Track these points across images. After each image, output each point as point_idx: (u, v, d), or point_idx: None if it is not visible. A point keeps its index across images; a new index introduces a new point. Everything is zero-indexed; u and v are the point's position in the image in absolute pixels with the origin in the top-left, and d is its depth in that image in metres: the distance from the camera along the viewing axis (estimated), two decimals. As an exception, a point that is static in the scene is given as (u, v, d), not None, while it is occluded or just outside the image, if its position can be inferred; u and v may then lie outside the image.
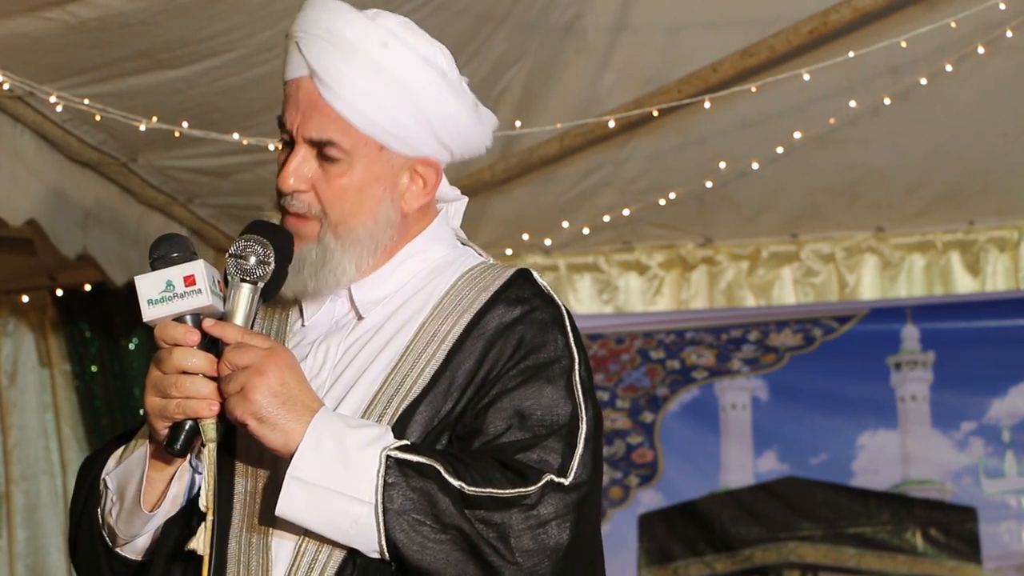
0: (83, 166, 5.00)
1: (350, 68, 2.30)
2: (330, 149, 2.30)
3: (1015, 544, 5.86)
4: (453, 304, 2.33)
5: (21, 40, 4.10)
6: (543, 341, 2.28)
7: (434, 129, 2.36)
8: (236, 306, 2.20)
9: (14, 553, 6.14)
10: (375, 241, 2.34)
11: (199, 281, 2.16)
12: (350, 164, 2.31)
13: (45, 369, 6.25)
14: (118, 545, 2.34)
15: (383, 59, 2.32)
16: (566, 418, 2.23)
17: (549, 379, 2.25)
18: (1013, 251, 6.21)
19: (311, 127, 2.31)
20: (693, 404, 6.09)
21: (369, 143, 2.32)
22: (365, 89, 2.30)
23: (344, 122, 2.30)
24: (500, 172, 5.61)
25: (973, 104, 5.43)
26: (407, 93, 2.33)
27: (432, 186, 2.40)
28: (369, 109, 2.31)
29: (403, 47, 2.34)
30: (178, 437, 2.16)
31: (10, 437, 6.20)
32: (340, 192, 2.31)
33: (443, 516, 2.12)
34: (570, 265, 6.35)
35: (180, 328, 2.17)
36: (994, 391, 5.94)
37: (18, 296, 6.21)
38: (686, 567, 5.97)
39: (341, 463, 2.13)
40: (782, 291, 6.34)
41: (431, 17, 4.51)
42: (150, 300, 2.16)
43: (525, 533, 2.14)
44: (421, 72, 2.35)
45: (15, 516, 6.17)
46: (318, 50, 2.31)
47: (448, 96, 2.38)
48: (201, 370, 2.15)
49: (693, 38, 5.14)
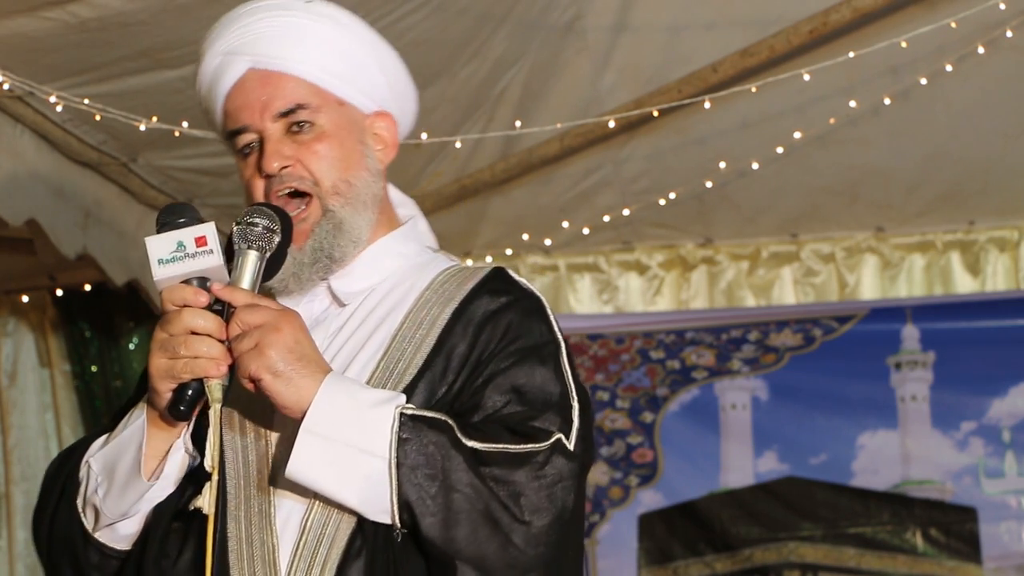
0: (83, 166, 5.00)
1: (288, 31, 2.33)
2: (300, 113, 2.31)
3: (1015, 544, 5.86)
4: (436, 296, 2.34)
5: (21, 40, 4.10)
6: (529, 327, 2.31)
7: (385, 73, 2.39)
8: (243, 272, 2.19)
9: (14, 553, 6.15)
10: (374, 193, 2.37)
11: (211, 242, 2.16)
12: (320, 126, 2.32)
13: (45, 369, 6.26)
14: (98, 529, 2.30)
15: (319, 11, 2.35)
16: (557, 396, 2.26)
17: (540, 360, 2.28)
18: (1013, 251, 6.21)
19: (275, 103, 2.31)
20: (693, 404, 6.09)
21: (330, 98, 2.34)
22: (311, 42, 2.33)
23: (302, 82, 2.32)
24: (500, 172, 5.61)
25: (973, 104, 5.43)
26: (355, 36, 2.36)
27: (392, 144, 2.41)
28: (320, 59, 2.33)
29: (323, 1, 2.38)
30: (183, 398, 2.15)
31: (10, 437, 6.20)
32: (323, 156, 2.32)
33: (456, 471, 2.12)
34: (570, 265, 6.35)
35: (189, 289, 2.16)
36: (994, 391, 5.94)
37: (18, 296, 6.21)
38: (686, 567, 5.97)
39: (355, 418, 2.13)
40: (782, 291, 6.34)
41: (431, 17, 4.51)
42: (160, 260, 2.15)
43: (536, 491, 2.15)
44: (350, 17, 2.38)
45: (15, 516, 6.17)
46: (250, 40, 2.34)
47: (386, 42, 2.40)
48: (210, 331, 2.15)
49: (693, 38, 5.14)
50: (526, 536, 2.14)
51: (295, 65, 2.32)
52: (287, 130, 2.32)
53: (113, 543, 2.31)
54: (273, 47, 2.33)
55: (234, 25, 2.37)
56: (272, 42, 2.33)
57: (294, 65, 2.32)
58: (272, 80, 2.32)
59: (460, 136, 5.26)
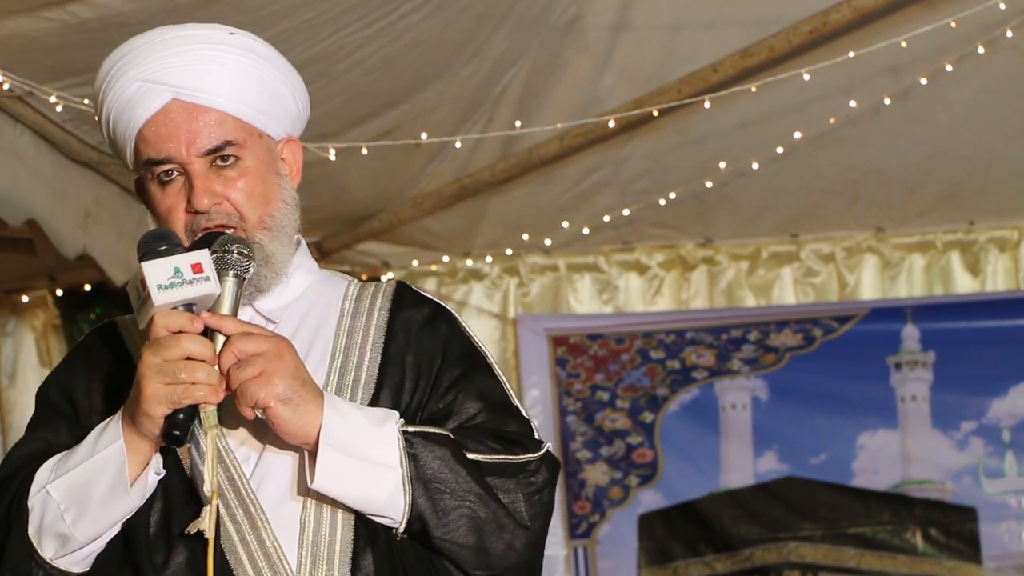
0: (83, 166, 4.99)
1: (212, 65, 2.34)
2: (227, 149, 2.33)
3: (1015, 544, 5.87)
4: (355, 307, 2.42)
5: (21, 40, 4.09)
6: (460, 337, 2.43)
7: (296, 101, 2.42)
8: (224, 298, 2.22)
9: (14, 553, 6.14)
10: (292, 224, 2.39)
11: (207, 269, 2.19)
12: (243, 161, 2.34)
13: (45, 369, 6.25)
14: (60, 556, 2.28)
15: (240, 44, 2.37)
16: (508, 403, 2.40)
17: (482, 369, 2.41)
18: (1013, 251, 6.21)
19: (202, 139, 2.32)
20: (693, 404, 6.09)
21: (252, 131, 2.36)
22: (232, 76, 2.35)
23: (228, 118, 2.34)
24: (500, 172, 5.61)
25: (973, 104, 5.43)
26: (270, 66, 2.38)
27: (298, 168, 2.44)
28: (243, 94, 2.35)
29: (243, 32, 2.40)
30: (180, 424, 2.17)
31: (10, 437, 6.20)
32: (247, 192, 2.34)
33: (461, 482, 2.23)
34: (570, 265, 6.35)
35: (185, 315, 2.18)
36: (994, 391, 5.95)
37: (18, 296, 6.21)
38: (686, 567, 5.98)
39: (366, 436, 2.22)
40: (782, 291, 6.33)
41: (431, 17, 4.51)
42: (160, 285, 2.17)
43: (530, 497, 2.29)
44: (268, 48, 2.41)
45: (15, 516, 6.17)
46: (173, 70, 2.34)
47: (293, 69, 2.44)
48: (206, 358, 2.17)
49: (693, 38, 5.14)
50: (528, 540, 2.28)
51: (220, 100, 2.33)
52: (211, 164, 2.33)
53: (71, 567, 2.31)
54: (197, 80, 2.34)
55: (155, 53, 2.37)
56: (196, 75, 2.34)
57: (219, 100, 2.33)
58: (197, 114, 2.33)
59: (460, 136, 5.26)
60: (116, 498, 2.25)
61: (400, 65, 4.70)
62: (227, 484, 2.28)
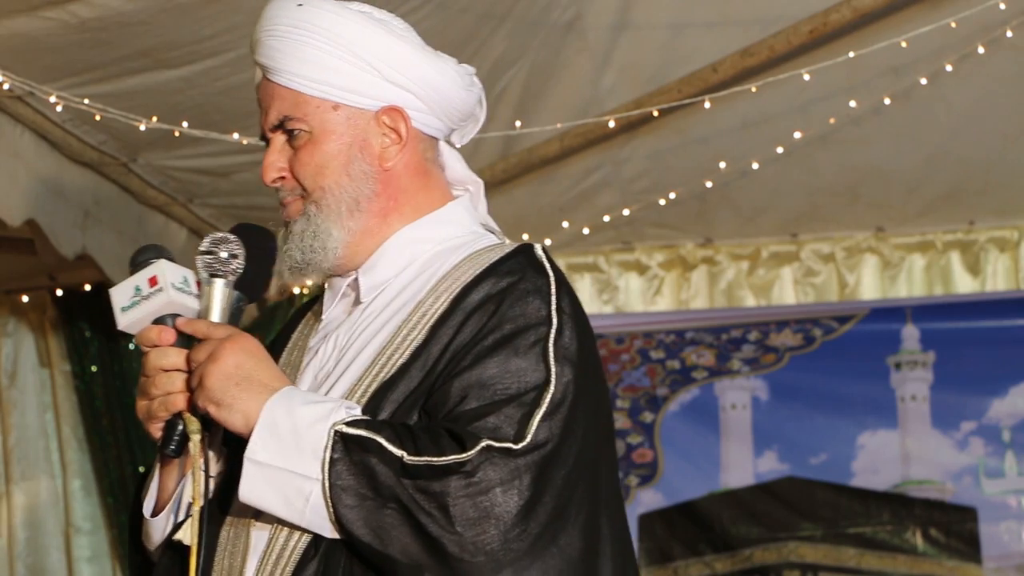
0: (83, 166, 4.99)
1: (279, 40, 2.35)
2: (290, 124, 2.35)
3: (1015, 544, 5.86)
4: (449, 283, 2.31)
5: (21, 40, 4.09)
6: (521, 311, 2.24)
7: (378, 69, 2.36)
8: (210, 302, 2.22)
9: (14, 553, 6.14)
10: (354, 197, 2.35)
11: (160, 280, 2.20)
12: (310, 131, 2.35)
13: (45, 369, 6.25)
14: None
15: (302, 16, 2.36)
16: (532, 385, 2.18)
17: (517, 349, 2.20)
18: (1013, 251, 6.21)
19: (270, 115, 2.36)
20: (693, 404, 6.09)
21: (322, 104, 2.35)
22: (296, 51, 2.35)
23: (292, 93, 2.35)
24: (500, 172, 5.61)
25: (973, 104, 5.43)
26: (336, 38, 2.35)
27: (406, 137, 2.38)
28: (305, 68, 2.34)
29: (313, 3, 2.38)
30: (170, 438, 2.19)
31: (10, 437, 6.19)
32: (308, 162, 2.34)
33: (382, 488, 2.10)
34: (570, 265, 6.35)
35: (154, 329, 2.22)
36: (994, 391, 5.94)
37: (18, 296, 6.21)
38: (686, 567, 5.97)
39: (293, 442, 2.14)
40: (782, 291, 6.34)
41: (431, 16, 4.51)
42: (123, 308, 2.22)
43: (465, 501, 2.09)
44: (344, 16, 2.37)
45: (15, 516, 6.16)
46: (258, 47, 2.39)
47: (380, 32, 2.39)
48: (177, 366, 2.19)
49: (693, 38, 5.14)
50: (461, 545, 2.09)
51: (283, 76, 2.36)
52: (287, 137, 2.36)
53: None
54: (267, 57, 2.37)
55: (257, 25, 2.42)
56: (267, 52, 2.37)
57: (282, 76, 2.36)
58: (271, 92, 2.37)
59: (460, 136, 5.25)
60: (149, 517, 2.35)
61: (400, 65, 4.69)
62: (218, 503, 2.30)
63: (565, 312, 2.26)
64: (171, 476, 2.33)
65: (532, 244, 2.38)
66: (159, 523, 2.33)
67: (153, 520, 2.33)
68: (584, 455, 2.21)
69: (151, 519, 2.34)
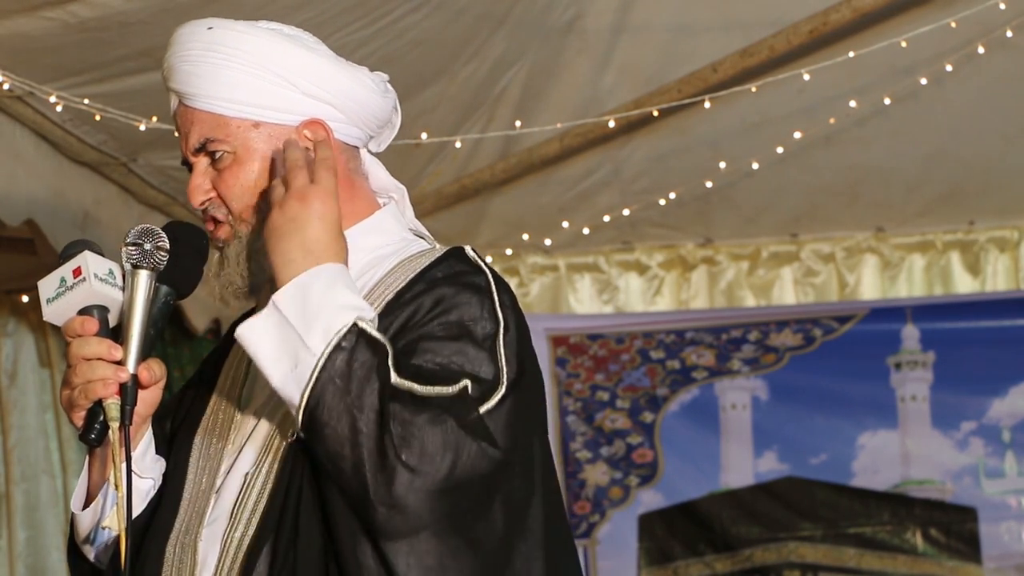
0: (83, 166, 4.99)
1: (193, 65, 2.35)
2: (212, 146, 2.34)
3: (1015, 544, 5.86)
4: (382, 290, 2.31)
5: (21, 40, 4.09)
6: (465, 300, 2.25)
7: (295, 84, 2.35)
8: (134, 293, 2.23)
9: (14, 553, 6.14)
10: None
11: (84, 271, 2.21)
12: (233, 152, 2.33)
13: (45, 369, 6.25)
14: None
15: (214, 38, 2.35)
16: (485, 375, 2.19)
17: (473, 339, 2.21)
18: (1013, 251, 6.22)
19: (191, 140, 2.36)
20: (693, 404, 6.09)
21: (242, 124, 2.34)
22: (211, 74, 2.34)
23: (212, 116, 2.34)
24: (500, 172, 5.61)
25: (973, 104, 5.43)
26: (250, 56, 2.34)
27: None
28: (222, 90, 2.33)
29: (227, 23, 2.38)
30: (91, 426, 2.18)
31: (10, 437, 6.19)
32: (233, 183, 2.33)
33: (367, 396, 2.08)
34: (570, 265, 6.35)
35: (76, 320, 2.21)
36: (994, 391, 5.94)
37: (18, 296, 6.20)
38: (686, 567, 5.97)
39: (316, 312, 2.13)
40: (782, 291, 6.34)
41: (431, 17, 4.51)
42: (48, 299, 2.22)
43: (429, 434, 2.08)
44: (255, 35, 2.36)
45: (15, 516, 6.16)
46: (170, 74, 2.39)
47: (293, 47, 2.37)
48: (99, 355, 2.18)
49: (693, 38, 5.14)
50: (409, 482, 2.07)
51: (201, 100, 2.35)
52: (210, 160, 2.36)
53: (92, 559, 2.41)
54: (182, 83, 2.36)
55: (167, 57, 2.41)
56: (182, 77, 2.36)
57: (200, 100, 2.35)
58: (189, 117, 2.37)
59: (460, 136, 5.26)
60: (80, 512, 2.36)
61: (400, 65, 4.70)
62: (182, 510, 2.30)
63: (507, 307, 2.29)
64: (98, 470, 2.31)
65: (462, 246, 2.39)
66: (86, 517, 2.33)
67: (80, 514, 2.32)
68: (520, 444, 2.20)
69: (78, 513, 2.32)
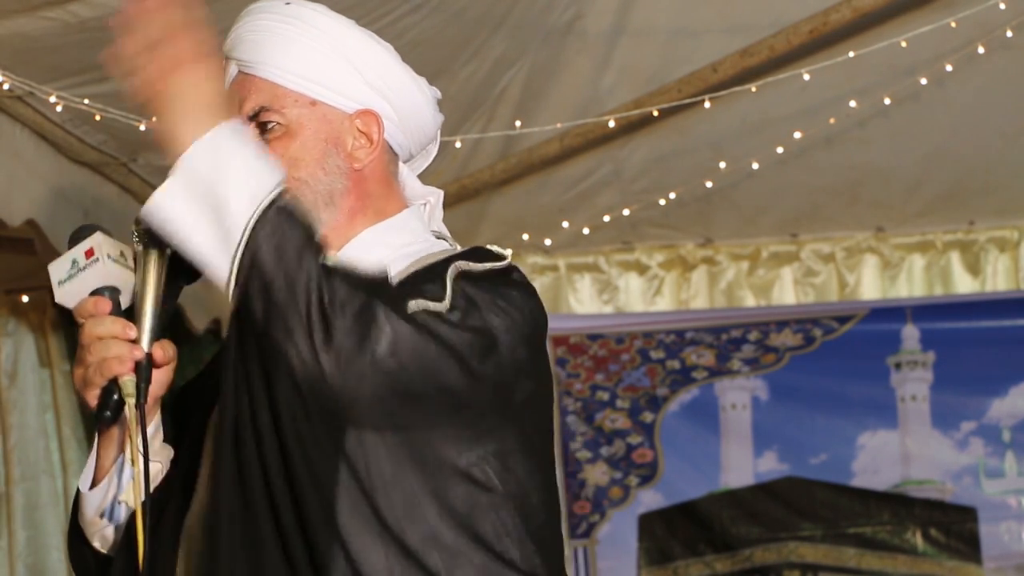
0: (83, 166, 4.99)
1: (262, 35, 2.35)
2: (266, 115, 2.32)
3: (1015, 544, 5.87)
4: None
5: (21, 40, 4.09)
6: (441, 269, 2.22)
7: (360, 71, 2.35)
8: (146, 273, 2.21)
9: (14, 553, 6.14)
10: (328, 191, 2.32)
11: (97, 251, 2.20)
12: (286, 124, 2.33)
13: (45, 369, 6.25)
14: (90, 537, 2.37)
15: (291, 12, 2.35)
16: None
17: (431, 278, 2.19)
18: (1013, 251, 6.22)
19: (245, 106, 2.34)
20: (693, 404, 6.09)
21: (299, 98, 2.33)
22: (279, 44, 2.34)
23: (271, 85, 2.34)
24: (500, 172, 5.61)
25: (973, 104, 5.43)
26: (321, 34, 2.34)
27: (377, 141, 2.37)
28: (288, 61, 2.33)
29: (304, 1, 2.38)
30: (106, 403, 2.18)
31: (10, 437, 6.19)
32: (282, 154, 2.31)
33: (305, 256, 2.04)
34: (570, 265, 6.35)
35: (90, 300, 2.21)
36: (994, 391, 5.95)
37: (18, 296, 6.20)
38: (686, 567, 5.98)
39: (242, 170, 2.11)
40: (782, 291, 6.34)
41: (430, 17, 4.51)
42: (59, 281, 2.22)
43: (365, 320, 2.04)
44: (332, 17, 2.37)
45: (15, 516, 6.16)
46: (235, 44, 2.38)
47: (366, 37, 2.38)
48: (114, 334, 2.18)
49: (693, 38, 5.14)
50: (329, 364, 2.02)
51: (264, 69, 2.34)
52: (260, 129, 2.34)
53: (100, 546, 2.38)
54: (248, 52, 2.36)
55: (233, 28, 2.41)
56: (248, 47, 2.36)
57: (263, 69, 2.34)
58: (245, 84, 2.36)
59: (460, 136, 5.26)
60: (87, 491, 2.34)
61: (400, 65, 4.70)
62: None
63: (513, 293, 2.27)
64: (109, 450, 2.30)
65: (484, 246, 2.39)
66: (95, 497, 2.31)
67: (88, 494, 2.30)
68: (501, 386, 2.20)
69: (86, 492, 2.30)
